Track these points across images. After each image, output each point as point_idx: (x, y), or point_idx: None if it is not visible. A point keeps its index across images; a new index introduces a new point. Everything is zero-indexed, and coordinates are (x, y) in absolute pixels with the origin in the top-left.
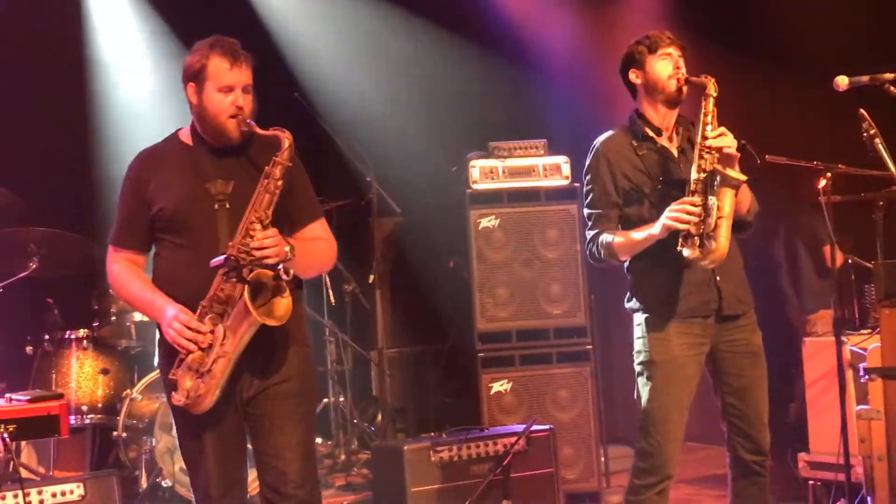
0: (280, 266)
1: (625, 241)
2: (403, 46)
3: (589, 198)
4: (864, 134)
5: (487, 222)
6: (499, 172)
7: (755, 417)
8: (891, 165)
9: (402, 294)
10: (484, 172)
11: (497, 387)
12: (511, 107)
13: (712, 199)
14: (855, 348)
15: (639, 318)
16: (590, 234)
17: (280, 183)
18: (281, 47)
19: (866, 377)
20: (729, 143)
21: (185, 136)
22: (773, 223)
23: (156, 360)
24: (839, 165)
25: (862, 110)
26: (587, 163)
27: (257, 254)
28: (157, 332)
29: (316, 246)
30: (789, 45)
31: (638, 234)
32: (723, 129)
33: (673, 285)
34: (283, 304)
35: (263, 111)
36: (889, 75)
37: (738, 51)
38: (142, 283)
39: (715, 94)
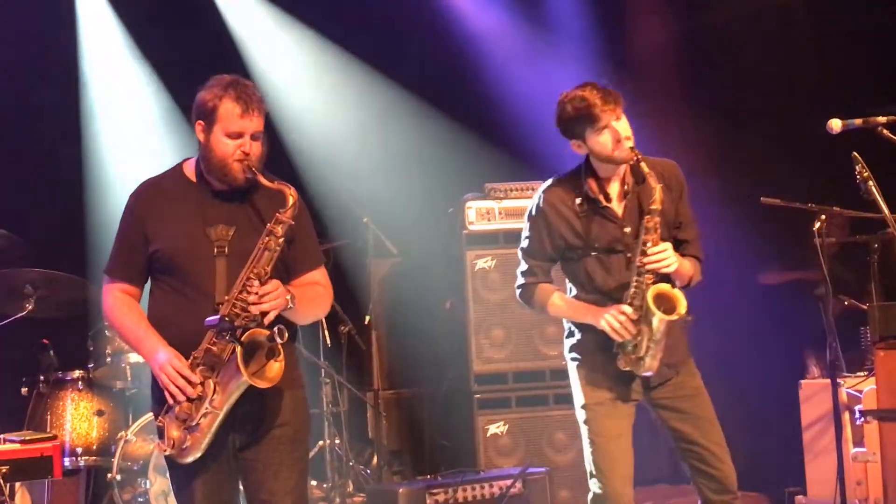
0: (275, 329)
1: (560, 308)
2: (400, 91)
3: (525, 243)
4: (858, 177)
5: (483, 263)
6: (495, 213)
7: (711, 456)
8: (884, 208)
9: (398, 335)
10: (480, 213)
11: (493, 429)
12: (507, 148)
13: (644, 329)
14: (851, 390)
15: (572, 366)
16: (521, 279)
17: (282, 241)
18: (277, 91)
19: (862, 419)
20: (667, 263)
21: (190, 171)
22: None
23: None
24: (834, 208)
25: (855, 153)
26: (529, 209)
27: (253, 309)
28: (152, 374)
29: (314, 291)
30: (781, 88)
31: (576, 311)
32: (664, 245)
33: (603, 346)
34: (276, 367)
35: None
36: (882, 118)
37: (731, 93)
38: (136, 319)
39: (659, 208)
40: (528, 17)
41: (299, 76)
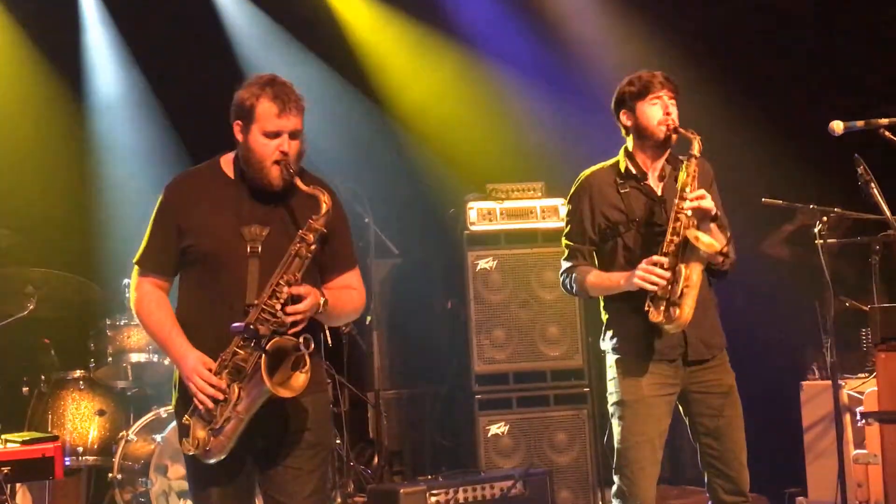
0: (301, 338)
1: (597, 282)
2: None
3: (567, 229)
4: (860, 179)
5: (485, 264)
6: (496, 214)
7: (732, 458)
8: (886, 210)
9: (400, 335)
10: (482, 214)
11: (494, 429)
12: (509, 149)
13: (682, 267)
14: (852, 392)
15: (611, 359)
16: (565, 264)
17: (313, 248)
18: None
19: (863, 421)
20: (707, 204)
21: (227, 166)
22: None
23: (172, 399)
24: (835, 209)
25: (857, 155)
26: (570, 193)
27: (282, 317)
28: (177, 374)
29: (347, 295)
30: (785, 89)
31: (610, 280)
32: (702, 191)
33: (643, 329)
34: (302, 378)
35: None
36: (884, 120)
37: (735, 92)
38: (164, 318)
39: (698, 155)
40: (533, 17)
41: (300, 73)
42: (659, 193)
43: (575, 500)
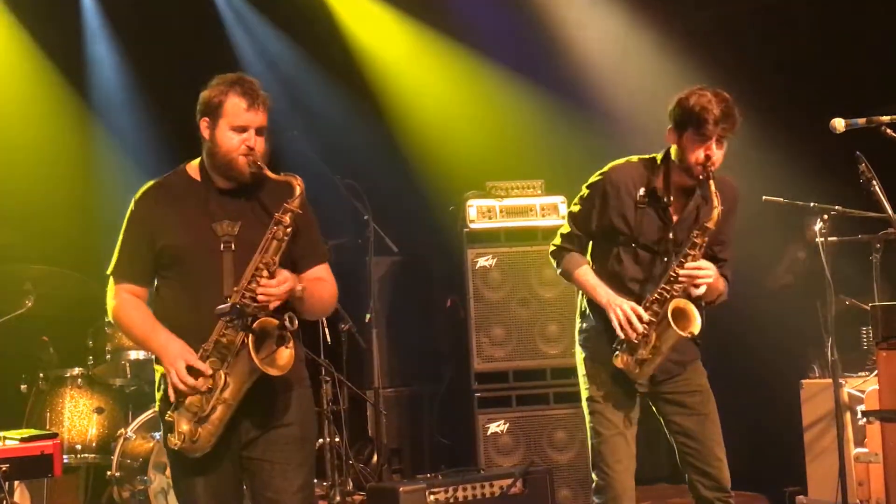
0: (285, 316)
1: (582, 282)
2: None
3: (575, 209)
4: (861, 177)
5: (484, 262)
6: (496, 212)
7: (709, 454)
8: (888, 208)
9: (399, 333)
10: (481, 212)
11: (494, 427)
12: (509, 146)
13: (653, 336)
14: (853, 391)
15: (580, 356)
16: (560, 240)
17: (289, 230)
18: (275, 85)
19: (864, 420)
20: (700, 279)
21: (193, 171)
22: None
23: (156, 399)
24: (836, 207)
25: (858, 153)
26: (592, 179)
27: (262, 299)
28: (156, 369)
29: (322, 286)
30: (784, 87)
31: (595, 291)
32: (702, 264)
33: (614, 334)
34: (287, 354)
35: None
36: (885, 118)
37: (733, 91)
38: (143, 316)
39: (712, 227)
40: (532, 16)
41: (299, 73)
42: (675, 220)
43: (574, 499)
